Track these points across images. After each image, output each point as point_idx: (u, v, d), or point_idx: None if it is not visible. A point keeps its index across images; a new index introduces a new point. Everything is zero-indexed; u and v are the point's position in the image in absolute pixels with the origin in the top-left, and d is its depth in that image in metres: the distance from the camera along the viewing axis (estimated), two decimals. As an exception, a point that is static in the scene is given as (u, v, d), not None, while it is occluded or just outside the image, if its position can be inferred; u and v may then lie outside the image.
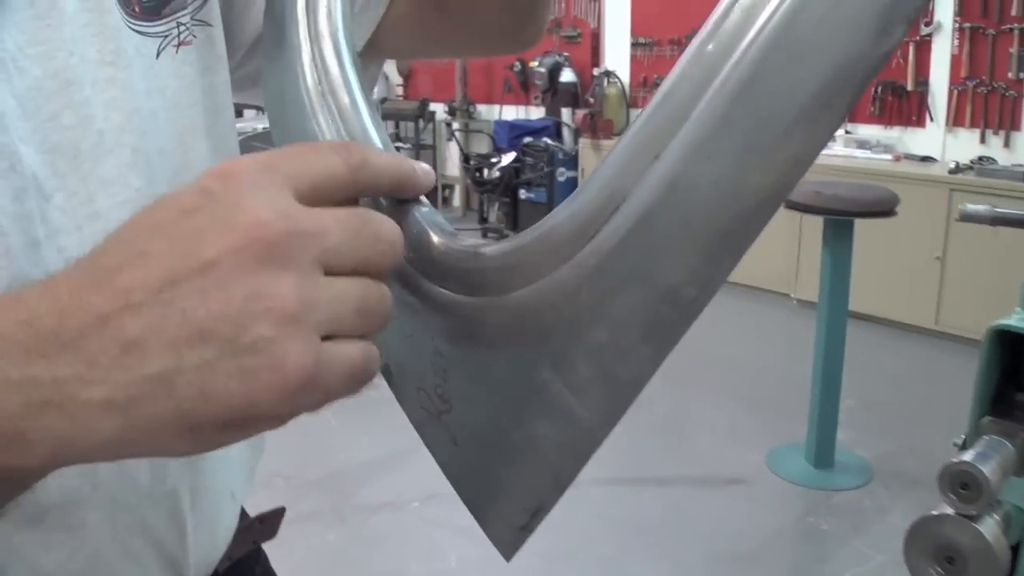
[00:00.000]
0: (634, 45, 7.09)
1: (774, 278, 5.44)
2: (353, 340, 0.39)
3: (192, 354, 0.35)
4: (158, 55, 0.61)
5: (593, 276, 0.40)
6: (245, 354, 0.36)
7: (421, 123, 8.14)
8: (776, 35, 0.35)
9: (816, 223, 3.61)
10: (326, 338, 0.38)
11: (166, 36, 0.61)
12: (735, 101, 0.35)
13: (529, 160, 7.09)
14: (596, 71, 7.26)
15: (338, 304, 0.38)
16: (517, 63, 7.86)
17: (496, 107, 8.20)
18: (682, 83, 0.38)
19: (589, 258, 0.40)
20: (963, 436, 0.97)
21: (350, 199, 0.42)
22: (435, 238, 0.47)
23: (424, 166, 0.47)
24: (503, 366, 0.44)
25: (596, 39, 7.41)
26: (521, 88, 8.00)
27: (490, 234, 7.51)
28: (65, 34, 0.54)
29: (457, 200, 8.73)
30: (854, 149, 5.42)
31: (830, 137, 0.36)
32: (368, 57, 0.72)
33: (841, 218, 3.34)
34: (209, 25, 0.66)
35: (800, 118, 0.34)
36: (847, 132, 5.56)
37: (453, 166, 8.46)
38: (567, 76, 7.40)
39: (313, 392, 0.37)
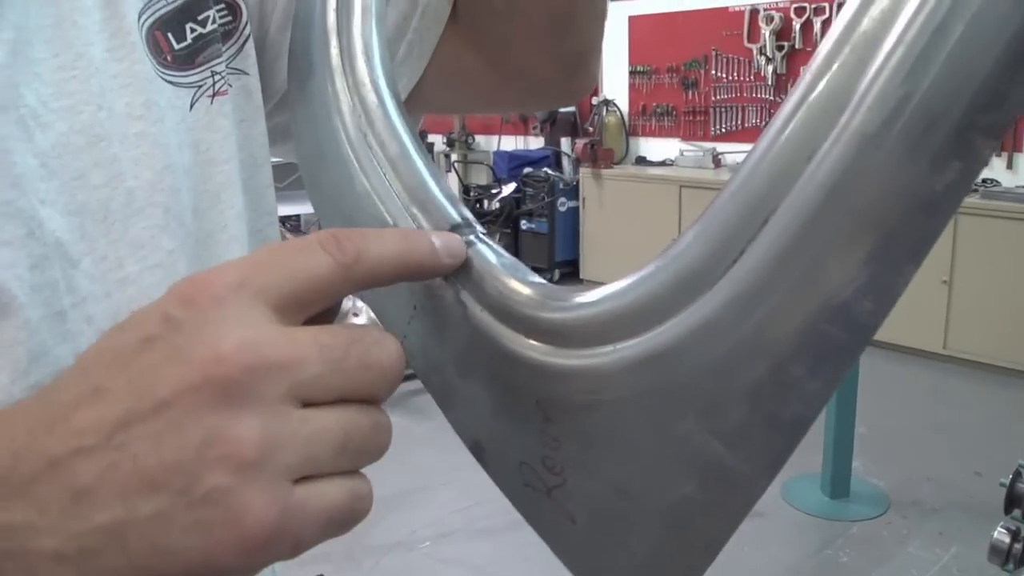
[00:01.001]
0: (632, 73, 7.12)
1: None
2: (335, 478, 0.35)
3: (144, 505, 0.32)
4: (191, 107, 0.58)
5: (742, 305, 0.34)
6: (200, 506, 0.32)
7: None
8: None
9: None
10: (303, 479, 0.34)
11: (200, 86, 0.58)
12: (907, 80, 0.30)
13: (529, 190, 7.09)
14: (595, 100, 7.26)
15: (315, 443, 0.34)
16: (515, 93, 7.88)
17: (495, 137, 8.22)
18: (833, 69, 0.32)
19: (737, 284, 0.34)
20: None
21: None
22: (515, 284, 0.41)
23: (449, 240, 0.42)
24: (631, 423, 0.38)
25: (594, 68, 7.44)
26: (520, 118, 8.02)
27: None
28: (93, 86, 0.51)
29: (457, 231, 8.73)
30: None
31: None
32: (409, 111, 0.69)
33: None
34: (245, 74, 0.63)
35: (990, 88, 0.29)
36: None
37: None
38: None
39: (280, 544, 0.33)
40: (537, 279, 0.42)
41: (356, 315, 3.98)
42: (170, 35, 0.57)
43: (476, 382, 0.44)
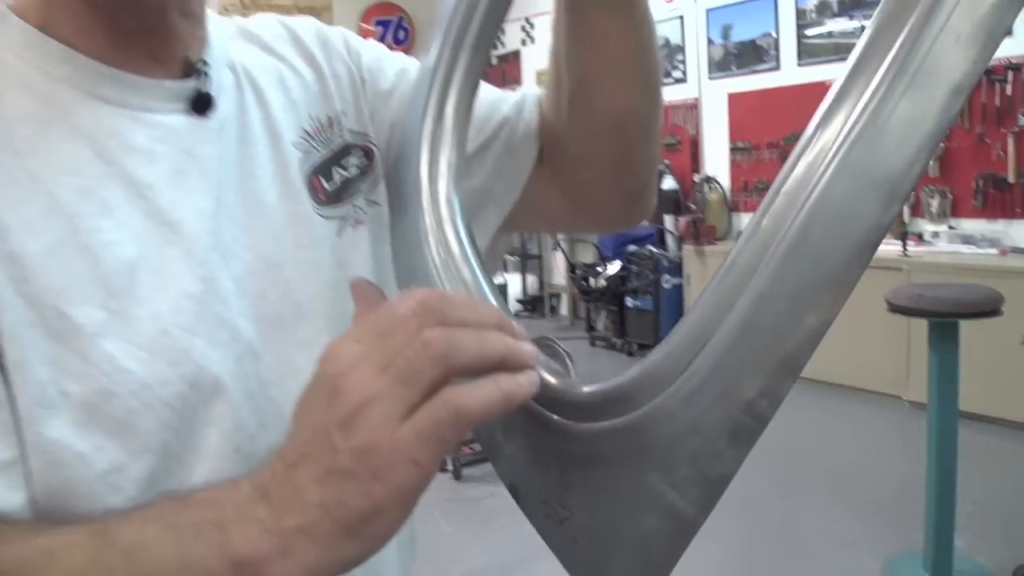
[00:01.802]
0: (733, 150, 7.18)
1: (884, 380, 5.36)
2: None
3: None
4: (339, 234, 0.78)
5: (687, 399, 0.52)
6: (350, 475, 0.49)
7: (526, 233, 8.36)
8: (812, 215, 0.48)
9: (922, 323, 3.59)
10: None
11: (345, 218, 0.78)
12: (785, 263, 0.49)
13: (634, 268, 7.19)
14: (697, 177, 7.37)
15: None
16: (619, 173, 8.04)
17: (600, 217, 8.38)
18: (746, 250, 0.51)
19: (683, 386, 0.53)
20: None
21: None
22: (551, 379, 0.60)
23: (526, 381, 0.52)
24: (616, 475, 0.57)
25: (695, 146, 7.54)
26: (623, 198, 8.15)
27: (598, 342, 7.60)
28: (269, 225, 0.71)
29: (564, 309, 8.87)
30: (959, 245, 5.35)
31: (855, 283, 0.48)
32: (500, 233, 0.87)
33: (945, 320, 3.33)
34: (378, 204, 0.82)
35: (835, 274, 0.47)
36: (951, 228, 5.50)
37: (559, 275, 8.62)
38: (668, 183, 7.52)
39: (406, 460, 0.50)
40: (560, 371, 0.62)
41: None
42: (322, 179, 0.78)
43: (515, 441, 0.64)
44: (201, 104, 0.69)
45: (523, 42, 9.64)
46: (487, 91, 0.86)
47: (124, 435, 0.59)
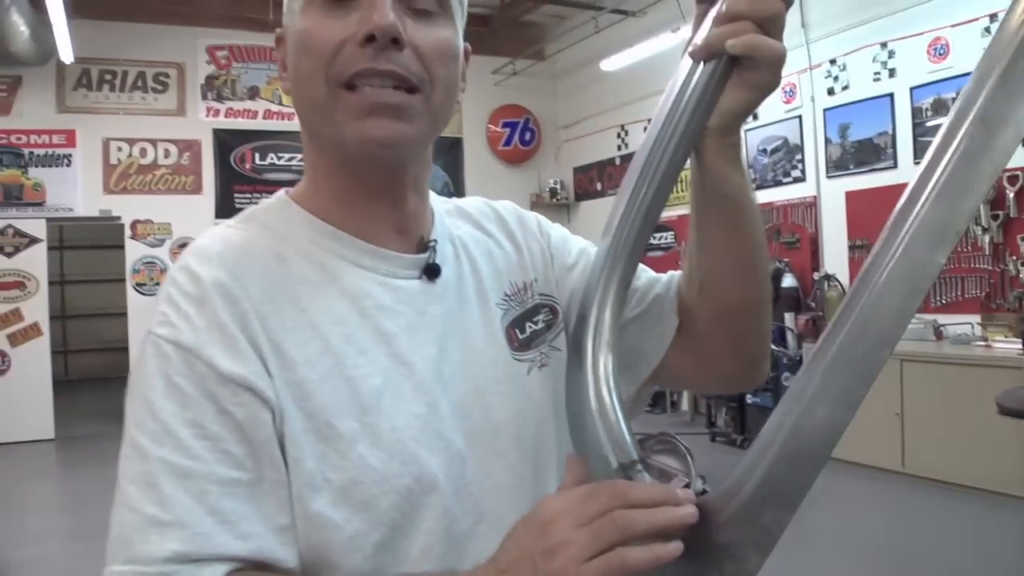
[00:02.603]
0: (852, 248, 7.20)
1: (1004, 481, 5.26)
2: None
3: None
4: (528, 373, 1.01)
5: (732, 524, 0.72)
6: None
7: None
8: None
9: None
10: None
11: (533, 361, 1.01)
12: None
13: (753, 365, 7.18)
14: (816, 275, 7.40)
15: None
16: (739, 270, 8.12)
17: (720, 313, 8.44)
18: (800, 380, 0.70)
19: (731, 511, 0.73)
20: None
21: None
22: None
23: (673, 547, 0.70)
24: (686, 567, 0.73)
25: (815, 244, 7.58)
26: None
27: (718, 438, 7.61)
28: (478, 365, 0.96)
29: (685, 404, 8.91)
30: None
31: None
32: (645, 384, 1.07)
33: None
34: (559, 350, 1.04)
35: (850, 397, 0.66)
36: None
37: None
38: (788, 281, 7.56)
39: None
40: (680, 468, 0.82)
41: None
42: (517, 330, 1.02)
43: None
44: (431, 272, 0.94)
45: (618, 147, 10.17)
46: (644, 270, 1.05)
47: (366, 511, 0.82)
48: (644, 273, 1.05)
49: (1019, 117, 0.61)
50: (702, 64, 0.85)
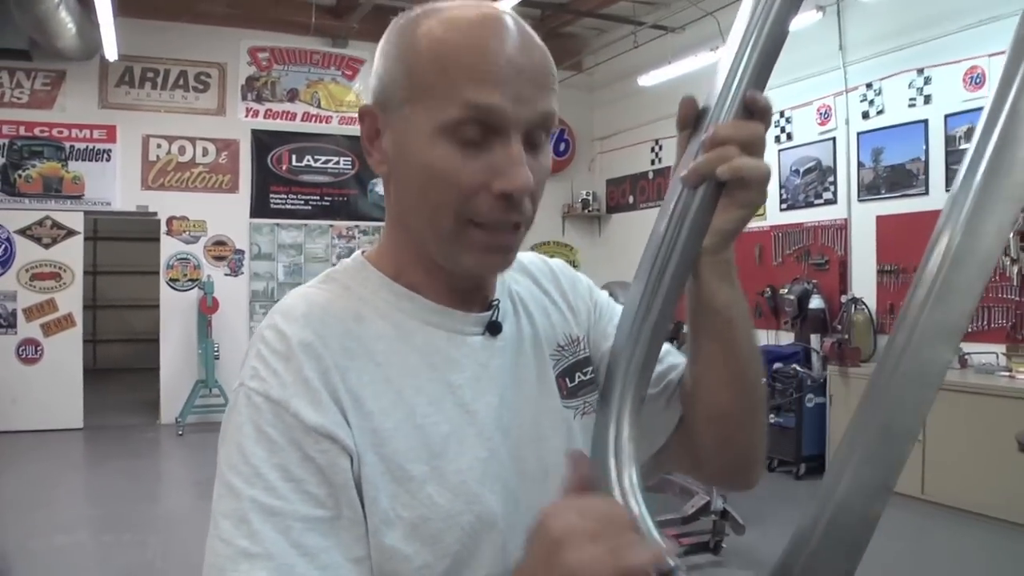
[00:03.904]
0: (880, 272, 7.23)
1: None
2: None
3: None
4: (575, 418, 1.08)
5: None
6: None
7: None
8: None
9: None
10: None
11: (577, 408, 1.09)
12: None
13: (778, 386, 7.24)
14: (844, 298, 7.40)
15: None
16: (768, 289, 8.16)
17: (746, 331, 8.47)
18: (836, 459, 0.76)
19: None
20: None
21: None
22: None
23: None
24: None
25: (843, 266, 7.61)
26: (772, 313, 8.26)
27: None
28: (533, 412, 1.04)
29: (708, 420, 8.91)
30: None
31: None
32: (650, 463, 1.13)
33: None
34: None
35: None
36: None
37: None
38: (816, 303, 7.58)
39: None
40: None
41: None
42: (567, 379, 1.09)
43: None
44: (494, 329, 1.02)
45: (652, 162, 10.22)
46: (668, 352, 1.12)
47: (433, 545, 0.90)
48: (668, 356, 1.12)
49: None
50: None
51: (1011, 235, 5.93)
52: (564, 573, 0.77)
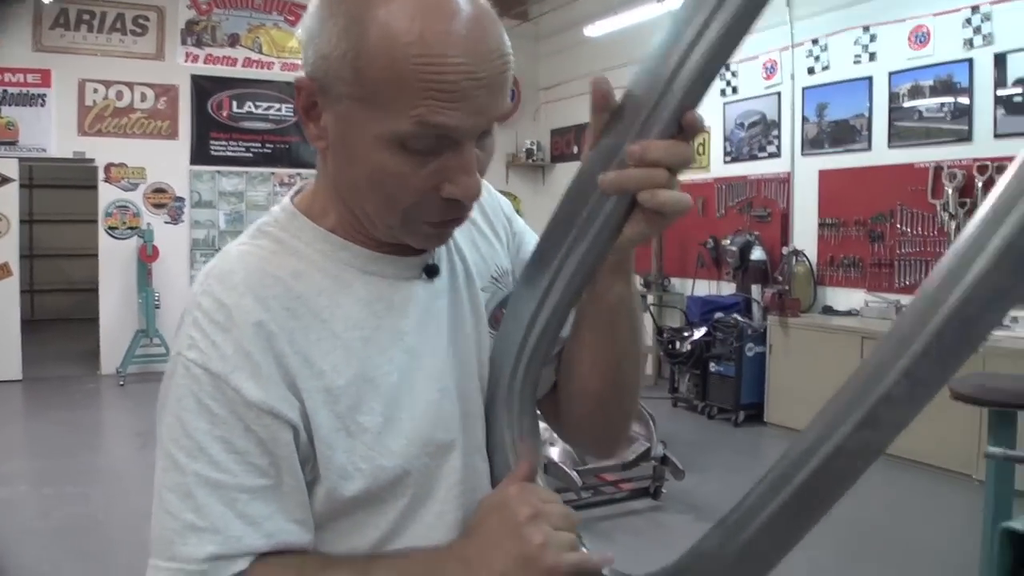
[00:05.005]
0: (822, 226, 7.34)
1: (957, 459, 5.47)
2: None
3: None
4: None
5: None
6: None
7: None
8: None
9: (989, 408, 3.71)
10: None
11: None
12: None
13: (719, 335, 7.36)
14: (785, 250, 7.51)
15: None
16: (710, 240, 8.27)
17: (689, 281, 8.59)
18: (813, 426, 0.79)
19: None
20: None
21: None
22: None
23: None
24: None
25: (785, 219, 7.71)
26: (714, 264, 8.38)
27: (680, 404, 7.79)
28: (470, 348, 1.05)
29: (649, 369, 9.06)
30: (1040, 332, 5.43)
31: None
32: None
33: (1003, 410, 3.47)
34: None
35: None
36: (1033, 315, 5.58)
37: (646, 337, 8.82)
38: (757, 254, 7.69)
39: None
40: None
41: (552, 444, 4.49)
42: (503, 310, 1.09)
43: None
44: (431, 271, 1.01)
45: None
46: None
47: (393, 490, 0.94)
48: None
49: None
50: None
51: (950, 191, 6.09)
52: (527, 547, 0.85)
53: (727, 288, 8.23)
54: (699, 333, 7.49)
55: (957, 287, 0.67)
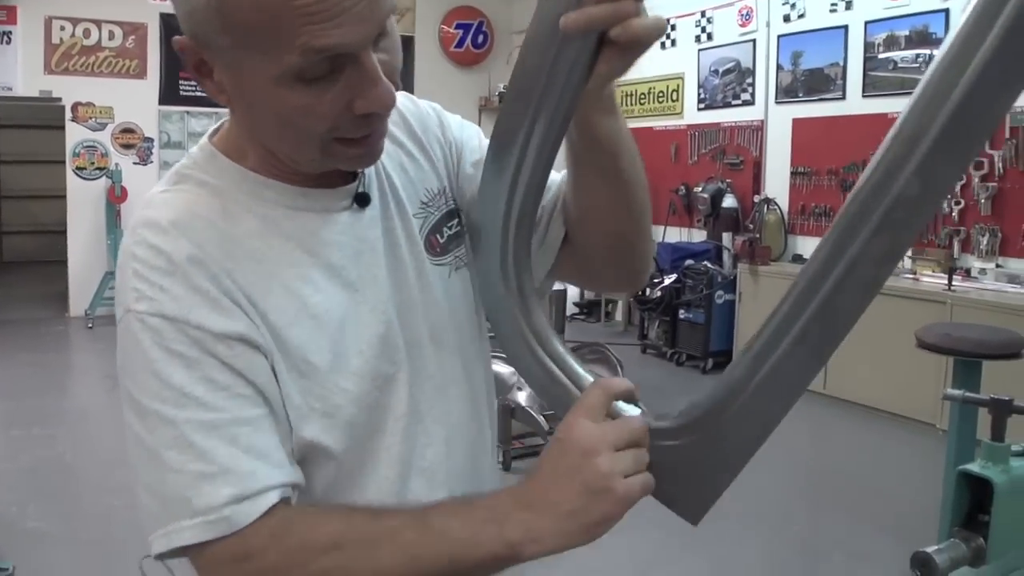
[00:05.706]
0: (794, 174, 7.36)
1: (921, 408, 5.56)
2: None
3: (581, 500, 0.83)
4: (449, 276, 1.08)
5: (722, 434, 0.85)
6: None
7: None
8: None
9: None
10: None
11: (451, 264, 1.09)
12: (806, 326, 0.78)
13: (689, 282, 7.42)
14: (756, 198, 7.54)
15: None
16: (682, 187, 8.27)
17: (660, 228, 8.60)
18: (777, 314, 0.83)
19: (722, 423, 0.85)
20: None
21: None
22: (656, 423, 0.89)
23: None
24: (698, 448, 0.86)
25: (758, 167, 7.72)
26: (685, 211, 8.39)
27: (649, 350, 7.85)
28: (407, 277, 1.03)
29: (619, 315, 9.13)
30: (1004, 284, 5.50)
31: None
32: (546, 279, 1.16)
33: (969, 360, 3.53)
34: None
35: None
36: (998, 266, 5.65)
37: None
38: (729, 202, 7.71)
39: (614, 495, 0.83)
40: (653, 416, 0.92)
41: (520, 389, 4.53)
42: (436, 235, 1.08)
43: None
44: (362, 200, 0.99)
45: None
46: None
47: (349, 429, 0.94)
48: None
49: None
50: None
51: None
52: (595, 477, 0.83)
53: (698, 235, 8.25)
54: (669, 280, 7.52)
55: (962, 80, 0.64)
